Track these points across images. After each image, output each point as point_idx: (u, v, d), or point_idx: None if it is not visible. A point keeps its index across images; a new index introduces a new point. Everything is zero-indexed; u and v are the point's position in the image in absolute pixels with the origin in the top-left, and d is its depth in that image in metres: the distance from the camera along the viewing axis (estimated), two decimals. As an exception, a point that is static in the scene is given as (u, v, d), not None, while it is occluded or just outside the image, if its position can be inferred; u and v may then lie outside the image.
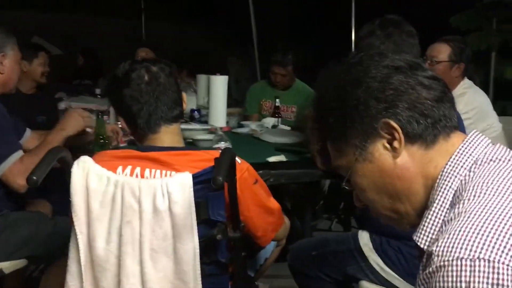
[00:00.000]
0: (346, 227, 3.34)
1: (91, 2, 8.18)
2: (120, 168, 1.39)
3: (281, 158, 2.08)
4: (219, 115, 2.95)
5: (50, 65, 3.49)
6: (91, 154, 2.01)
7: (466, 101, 2.42)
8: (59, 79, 5.66)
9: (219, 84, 2.95)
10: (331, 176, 1.97)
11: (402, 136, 0.86)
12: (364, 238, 1.74)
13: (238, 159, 1.46)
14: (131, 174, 1.39)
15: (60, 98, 4.29)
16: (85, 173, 1.34)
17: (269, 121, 3.10)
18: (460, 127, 1.62)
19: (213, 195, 1.36)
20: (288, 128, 3.08)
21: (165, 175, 1.37)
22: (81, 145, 2.17)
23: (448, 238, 0.71)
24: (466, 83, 2.52)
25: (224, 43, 8.87)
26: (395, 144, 0.86)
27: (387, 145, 0.87)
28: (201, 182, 1.35)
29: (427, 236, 0.83)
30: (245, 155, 2.02)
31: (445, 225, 0.76)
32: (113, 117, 3.50)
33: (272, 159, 2.07)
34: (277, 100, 3.24)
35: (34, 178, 1.15)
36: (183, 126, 2.12)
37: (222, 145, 1.84)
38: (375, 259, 1.72)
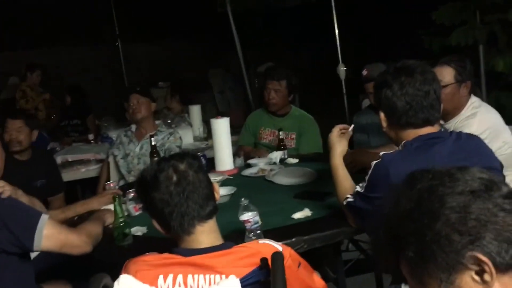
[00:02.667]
0: (361, 251, 3.27)
1: (60, 33, 7.99)
2: (161, 278, 1.33)
3: (306, 213, 2.02)
4: (225, 159, 2.89)
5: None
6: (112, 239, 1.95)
7: (479, 121, 2.38)
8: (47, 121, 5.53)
9: (222, 127, 2.89)
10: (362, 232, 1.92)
11: (492, 269, 0.81)
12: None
13: (279, 246, 1.40)
14: (174, 284, 1.32)
15: (54, 150, 4.19)
16: (127, 293, 1.27)
17: (276, 155, 3.04)
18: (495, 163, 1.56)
19: (261, 294, 1.31)
20: (296, 160, 3.03)
21: (210, 281, 1.31)
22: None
23: None
24: (474, 101, 2.48)
25: (203, 56, 8.78)
26: (486, 277, 0.81)
27: (476, 277, 0.82)
28: (248, 285, 1.29)
29: None
30: (267, 212, 1.99)
31: None
32: (113, 173, 3.43)
33: (297, 215, 2.01)
34: (281, 132, 3.18)
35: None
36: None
37: (250, 215, 1.78)
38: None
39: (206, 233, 1.40)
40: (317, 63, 7.24)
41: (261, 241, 1.42)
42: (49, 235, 1.79)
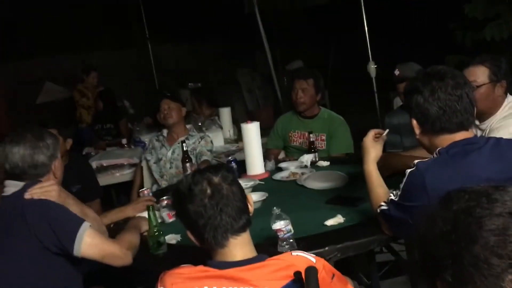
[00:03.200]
0: (394, 254, 3.21)
1: (89, 37, 8.14)
2: (196, 291, 1.34)
3: (338, 219, 2.01)
4: (256, 164, 2.89)
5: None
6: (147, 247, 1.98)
7: (516, 122, 2.31)
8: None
9: (252, 131, 2.89)
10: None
11: None
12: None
13: (312, 258, 1.40)
14: (209, 297, 1.33)
15: (89, 155, 4.28)
16: (164, 308, 1.29)
17: (307, 158, 3.02)
18: None
19: (295, 307, 1.31)
20: (327, 163, 3.01)
21: (244, 294, 1.32)
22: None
23: None
24: (511, 101, 2.41)
25: (231, 56, 8.81)
26: None
27: None
28: (283, 298, 1.30)
29: None
30: (299, 219, 1.98)
31: None
32: (147, 177, 3.48)
33: (330, 222, 2.00)
34: (311, 135, 3.16)
35: None
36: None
37: (282, 224, 1.78)
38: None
39: (239, 246, 1.40)
40: (347, 60, 7.16)
41: (294, 253, 1.42)
42: (92, 243, 1.83)
